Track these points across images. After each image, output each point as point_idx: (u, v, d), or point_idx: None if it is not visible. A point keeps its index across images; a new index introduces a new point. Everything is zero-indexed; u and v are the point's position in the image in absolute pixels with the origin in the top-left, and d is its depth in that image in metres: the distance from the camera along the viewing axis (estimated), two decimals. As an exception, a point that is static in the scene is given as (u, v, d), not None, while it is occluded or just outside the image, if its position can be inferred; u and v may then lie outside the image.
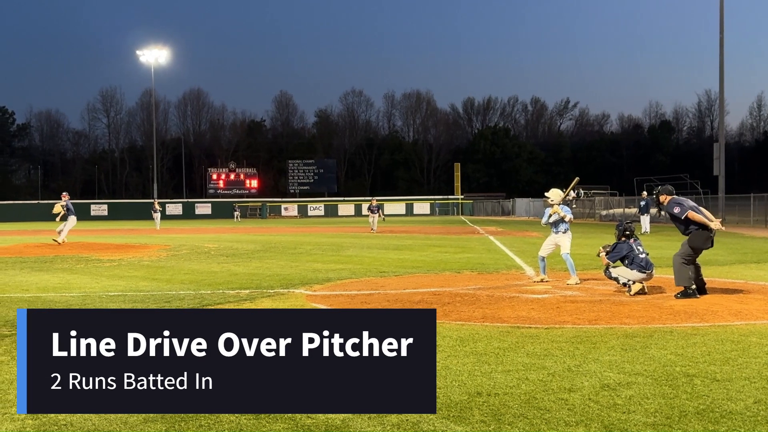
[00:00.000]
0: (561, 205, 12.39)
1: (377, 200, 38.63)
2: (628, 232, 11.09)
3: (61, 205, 24.88)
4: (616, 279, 10.84)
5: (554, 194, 12.44)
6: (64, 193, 26.26)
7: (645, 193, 36.97)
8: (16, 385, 5.55)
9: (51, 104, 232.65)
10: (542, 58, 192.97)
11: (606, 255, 11.09)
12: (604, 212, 54.70)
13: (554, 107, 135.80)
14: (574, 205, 55.99)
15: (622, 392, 5.22)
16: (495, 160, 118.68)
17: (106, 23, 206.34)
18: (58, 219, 25.12)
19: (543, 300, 10.04)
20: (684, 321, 8.22)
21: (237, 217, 66.68)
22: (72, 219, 24.84)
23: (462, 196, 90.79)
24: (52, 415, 4.79)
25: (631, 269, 10.59)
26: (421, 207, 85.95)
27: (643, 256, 10.68)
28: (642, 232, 31.71)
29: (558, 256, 12.92)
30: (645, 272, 10.54)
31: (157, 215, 44.49)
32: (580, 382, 5.50)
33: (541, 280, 12.40)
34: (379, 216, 37.13)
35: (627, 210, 52.46)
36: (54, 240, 24.02)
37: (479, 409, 4.84)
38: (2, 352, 6.86)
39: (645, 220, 33.14)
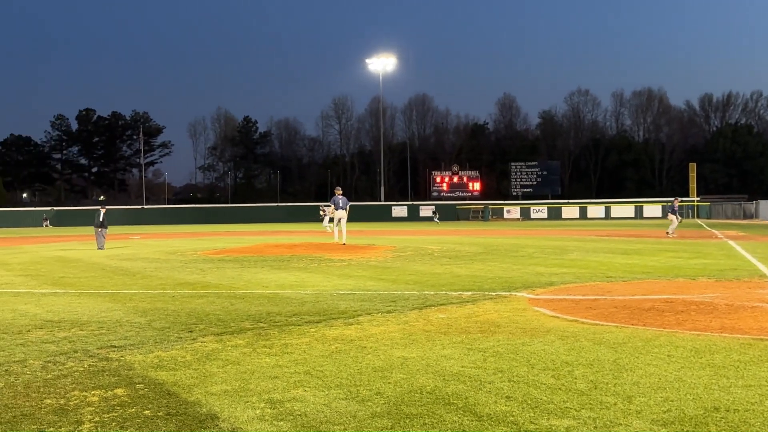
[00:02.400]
0: None
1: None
2: None
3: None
4: None
5: None
6: (337, 188, 27.31)
7: None
8: (256, 376, 6.01)
9: (289, 113, 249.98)
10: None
11: None
12: None
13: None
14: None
15: None
16: (736, 159, 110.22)
17: (337, 35, 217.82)
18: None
19: (791, 311, 9.16)
20: None
21: (436, 219, 68.11)
22: (337, 212, 26.07)
23: (698, 198, 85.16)
24: (288, 405, 5.11)
25: None
26: (652, 210, 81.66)
27: None
28: None
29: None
30: None
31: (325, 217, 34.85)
32: (836, 404, 4.95)
33: None
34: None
35: None
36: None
37: (716, 425, 4.51)
38: (245, 344, 7.43)
39: None
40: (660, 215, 78.89)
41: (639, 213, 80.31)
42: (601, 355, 6.61)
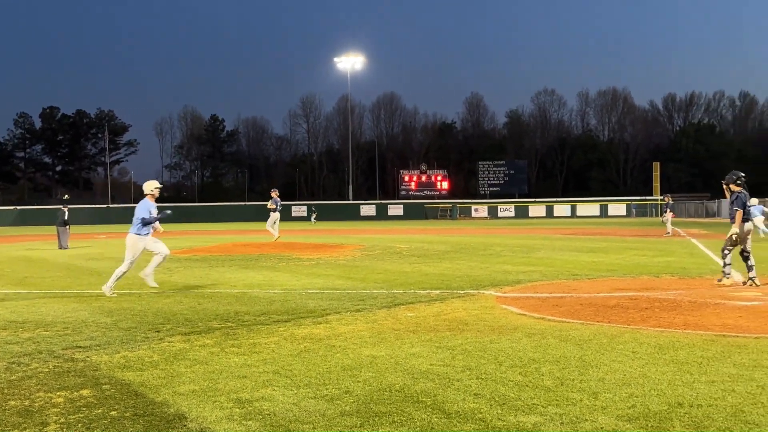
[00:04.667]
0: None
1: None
2: None
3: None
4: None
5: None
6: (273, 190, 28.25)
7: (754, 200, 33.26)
8: (224, 375, 5.98)
9: (256, 111, 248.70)
10: (750, 49, 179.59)
11: None
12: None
13: (766, 101, 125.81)
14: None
15: None
16: (698, 158, 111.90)
17: (306, 33, 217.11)
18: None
19: (752, 307, 9.34)
20: None
21: (312, 219, 68.05)
22: (272, 215, 26.99)
23: (661, 197, 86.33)
24: (257, 404, 5.10)
25: None
26: (617, 208, 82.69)
27: None
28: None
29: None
30: None
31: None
32: (795, 398, 5.06)
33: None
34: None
35: None
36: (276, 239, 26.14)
37: (680, 420, 4.59)
38: (213, 344, 7.40)
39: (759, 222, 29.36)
40: (624, 213, 79.91)
41: (604, 211, 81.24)
42: (568, 352, 6.69)
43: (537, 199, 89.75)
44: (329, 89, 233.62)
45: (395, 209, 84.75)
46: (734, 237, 11.89)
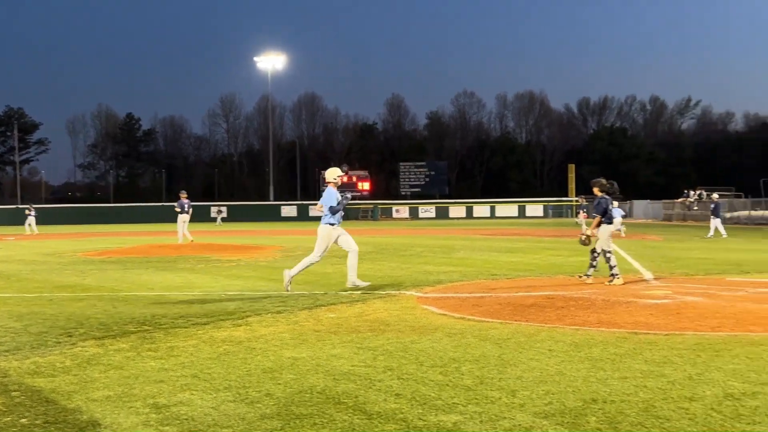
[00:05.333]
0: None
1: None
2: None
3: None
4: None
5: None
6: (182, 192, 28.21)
7: (716, 195, 35.08)
8: (140, 380, 5.84)
9: (174, 110, 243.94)
10: (661, 55, 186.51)
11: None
12: (728, 215, 52.26)
13: (675, 106, 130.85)
14: (695, 207, 53.81)
15: (746, 402, 4.97)
16: (612, 161, 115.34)
17: (225, 32, 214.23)
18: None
19: (662, 305, 9.69)
20: (817, 330, 7.74)
21: (218, 220, 67.48)
22: (180, 216, 27.00)
23: (576, 199, 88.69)
24: (174, 409, 5.00)
25: None
26: (534, 209, 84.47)
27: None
28: (723, 234, 29.99)
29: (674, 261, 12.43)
30: None
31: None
32: (701, 391, 5.27)
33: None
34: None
35: (753, 212, 49.93)
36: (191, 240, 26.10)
37: (595, 416, 4.71)
38: (128, 348, 7.21)
39: (717, 222, 31.01)
40: (541, 214, 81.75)
41: (522, 212, 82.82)
42: (487, 351, 6.79)
43: (457, 200, 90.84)
44: (249, 89, 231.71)
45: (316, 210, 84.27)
46: (583, 239, 12.60)
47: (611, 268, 12.47)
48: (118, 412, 4.94)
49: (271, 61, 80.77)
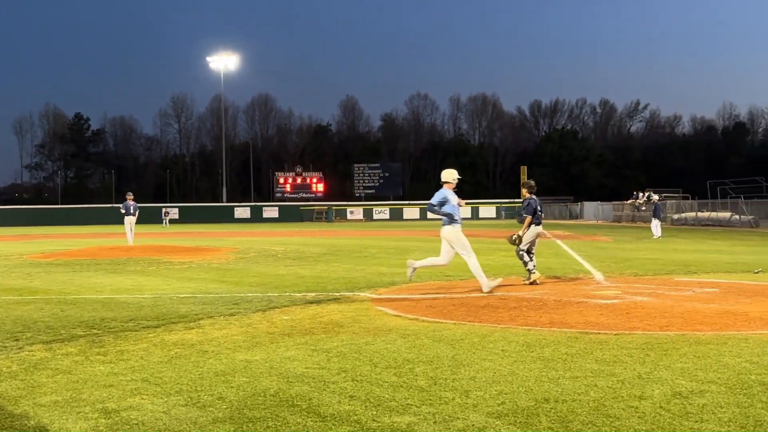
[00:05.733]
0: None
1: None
2: None
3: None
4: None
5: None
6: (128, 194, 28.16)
7: (656, 196, 35.90)
8: (89, 385, 5.73)
9: (124, 110, 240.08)
10: (611, 59, 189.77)
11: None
12: (675, 216, 53.39)
13: (624, 109, 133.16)
14: (644, 208, 54.84)
15: (694, 400, 5.07)
16: (562, 163, 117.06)
17: (178, 31, 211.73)
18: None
19: (612, 305, 9.84)
20: (760, 328, 7.95)
21: (165, 222, 66.71)
22: (126, 218, 27.02)
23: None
24: (124, 414, 4.91)
25: None
26: (487, 211, 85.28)
27: None
28: (659, 235, 30.75)
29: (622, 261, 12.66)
30: None
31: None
32: (650, 390, 5.36)
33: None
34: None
35: (700, 213, 51.07)
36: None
37: (546, 416, 4.77)
38: (77, 352, 7.07)
39: (657, 223, 31.82)
40: (494, 216, 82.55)
41: (475, 214, 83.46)
42: (441, 352, 6.82)
43: (411, 202, 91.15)
44: (202, 89, 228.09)
45: (270, 211, 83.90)
46: (514, 238, 12.84)
47: (526, 264, 12.76)
48: (67, 417, 4.84)
49: (224, 61, 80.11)
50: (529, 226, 13.03)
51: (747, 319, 8.51)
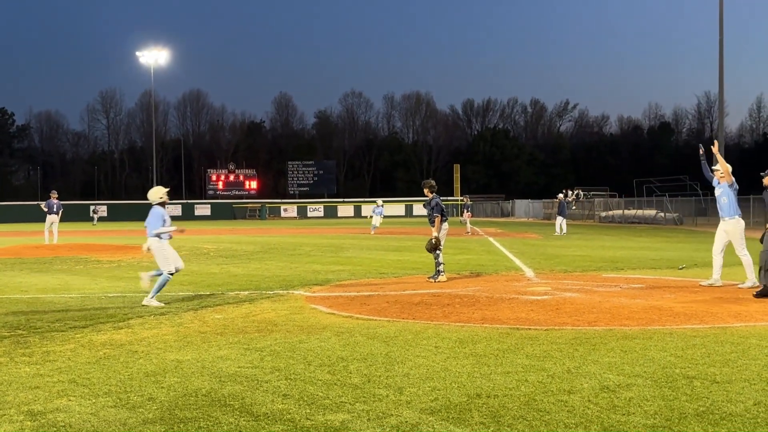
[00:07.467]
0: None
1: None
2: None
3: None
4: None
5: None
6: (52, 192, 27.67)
7: (561, 195, 37.06)
8: (13, 387, 5.56)
9: (51, 105, 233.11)
10: (541, 59, 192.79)
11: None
12: (603, 214, 54.70)
13: (554, 109, 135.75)
14: (573, 207, 56.04)
15: (621, 394, 5.21)
16: (494, 161, 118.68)
17: (106, 25, 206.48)
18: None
19: (542, 301, 10.04)
20: (683, 323, 8.22)
21: (95, 220, 65.55)
22: (48, 217, 26.41)
23: (461, 198, 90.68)
24: (51, 416, 4.78)
25: None
26: (421, 208, 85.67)
27: None
28: (559, 233, 31.69)
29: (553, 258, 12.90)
30: None
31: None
32: (579, 384, 5.49)
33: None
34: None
35: (626, 211, 52.44)
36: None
37: (479, 411, 4.83)
38: (1, 354, 6.85)
39: (561, 221, 32.77)
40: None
41: (409, 211, 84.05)
42: (375, 349, 6.84)
43: (345, 199, 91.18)
44: (131, 84, 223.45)
45: (202, 209, 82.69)
46: (434, 242, 13.01)
47: (439, 264, 12.87)
48: (-11, 421, 4.68)
49: (154, 56, 78.43)
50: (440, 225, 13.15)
51: (672, 314, 8.78)
